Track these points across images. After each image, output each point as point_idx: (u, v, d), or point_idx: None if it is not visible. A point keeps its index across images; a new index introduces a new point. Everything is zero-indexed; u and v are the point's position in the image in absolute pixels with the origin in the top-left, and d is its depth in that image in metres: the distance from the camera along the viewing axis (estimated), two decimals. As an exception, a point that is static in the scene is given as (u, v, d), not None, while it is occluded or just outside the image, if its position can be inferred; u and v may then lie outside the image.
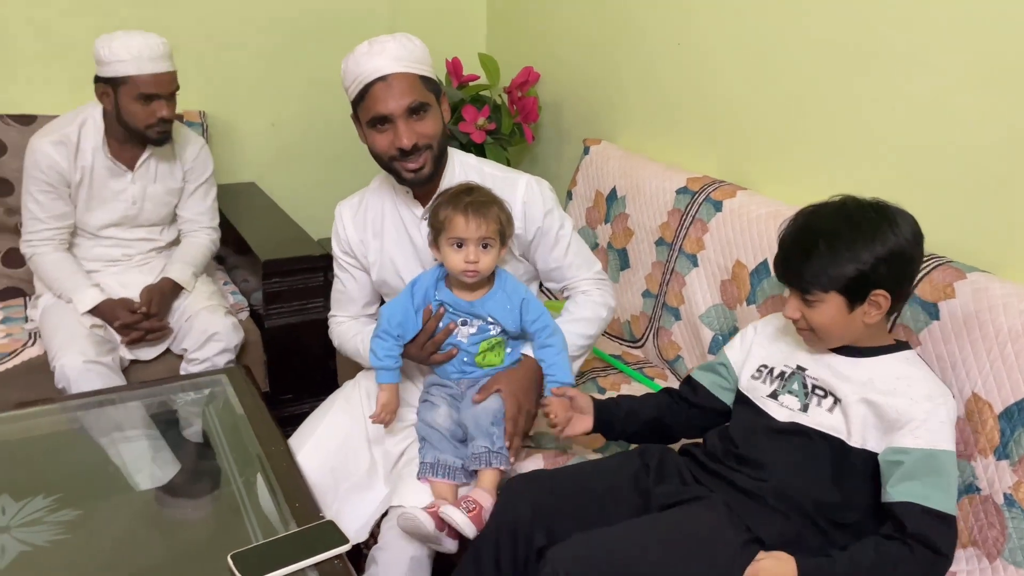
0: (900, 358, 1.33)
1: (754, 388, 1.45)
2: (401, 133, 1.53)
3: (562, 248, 1.69)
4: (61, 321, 2.04)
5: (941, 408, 1.26)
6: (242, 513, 1.46)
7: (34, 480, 1.49)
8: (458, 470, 1.52)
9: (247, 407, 1.74)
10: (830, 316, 1.30)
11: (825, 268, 1.28)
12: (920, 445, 1.23)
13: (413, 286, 1.61)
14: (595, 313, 1.70)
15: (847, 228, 1.28)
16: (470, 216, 1.49)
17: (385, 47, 1.53)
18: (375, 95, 1.52)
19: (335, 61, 2.89)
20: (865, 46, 1.73)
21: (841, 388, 1.33)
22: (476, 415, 1.53)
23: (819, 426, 1.34)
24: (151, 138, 2.09)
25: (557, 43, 2.80)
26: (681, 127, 2.29)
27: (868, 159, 1.75)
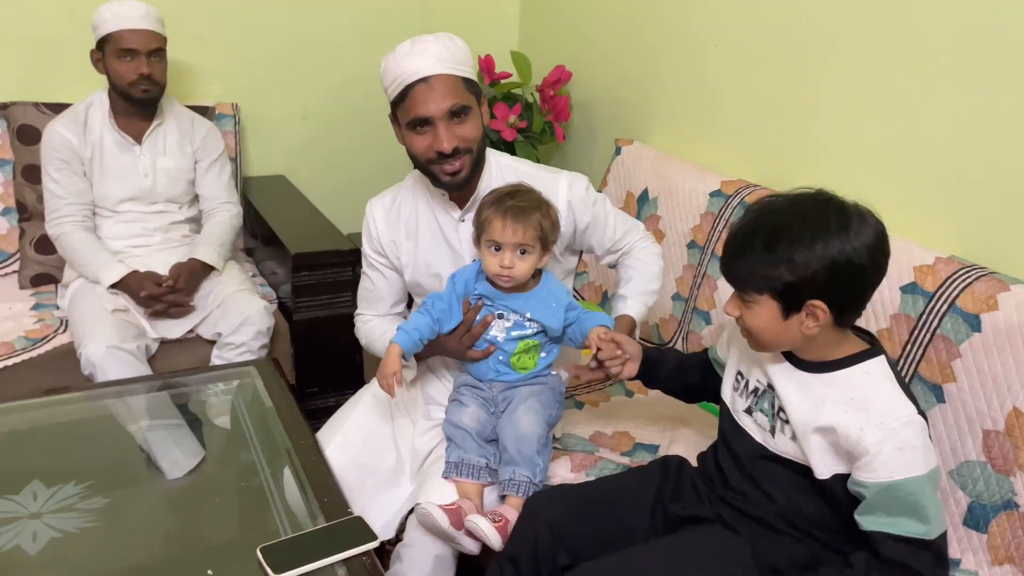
0: (860, 372, 1.22)
1: (733, 401, 1.39)
2: (441, 136, 1.50)
3: (612, 224, 1.72)
4: (86, 308, 2.06)
5: (898, 433, 1.14)
6: (270, 505, 1.46)
7: (65, 467, 1.49)
8: (482, 469, 1.51)
9: (276, 400, 1.74)
10: (764, 320, 1.21)
11: (758, 268, 1.18)
12: (875, 479, 1.14)
13: (454, 278, 1.60)
14: (657, 266, 1.77)
15: (790, 227, 1.16)
16: (508, 221, 1.48)
17: (428, 47, 1.49)
18: (416, 97, 1.50)
19: (366, 56, 2.93)
20: (911, 49, 1.70)
21: (797, 417, 1.24)
22: (519, 438, 1.51)
23: (786, 454, 1.27)
24: (135, 97, 2.16)
25: (590, 42, 2.78)
26: (716, 129, 2.27)
27: (912, 165, 1.73)
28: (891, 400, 1.18)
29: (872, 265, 1.16)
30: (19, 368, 2.00)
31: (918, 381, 1.53)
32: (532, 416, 1.54)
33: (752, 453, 1.32)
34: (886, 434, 1.14)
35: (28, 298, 2.32)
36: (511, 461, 1.50)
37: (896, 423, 1.14)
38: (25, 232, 2.40)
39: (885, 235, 1.18)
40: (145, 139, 2.25)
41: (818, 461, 1.22)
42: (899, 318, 1.57)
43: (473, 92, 1.56)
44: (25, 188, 2.38)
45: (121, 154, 2.23)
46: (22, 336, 2.08)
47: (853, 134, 1.85)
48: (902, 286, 1.58)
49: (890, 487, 1.13)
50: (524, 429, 1.52)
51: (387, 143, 3.03)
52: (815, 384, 1.23)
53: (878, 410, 1.16)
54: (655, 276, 1.75)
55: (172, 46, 2.62)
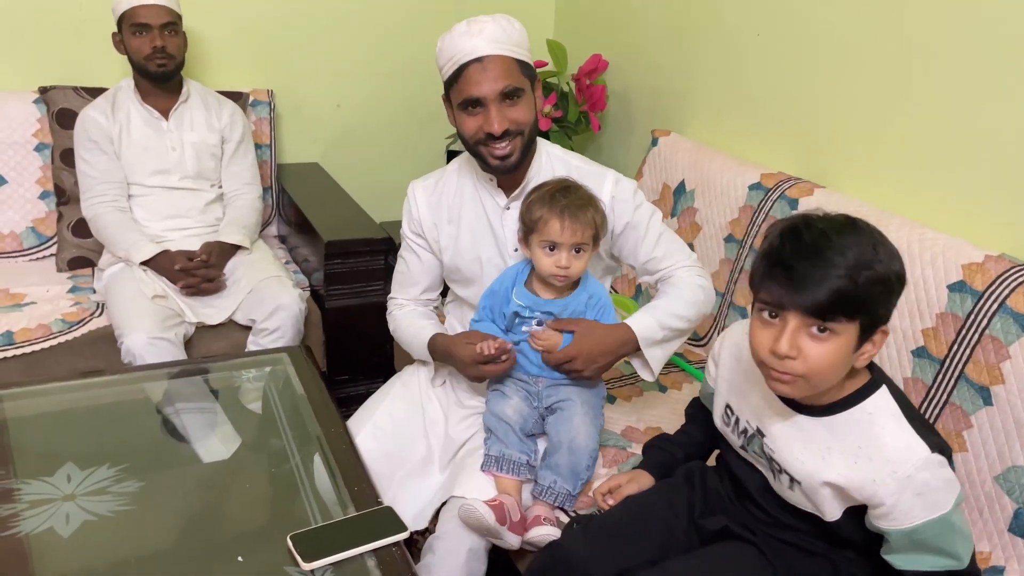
0: (863, 413, 1.12)
1: (726, 434, 1.32)
2: (492, 118, 1.48)
3: (652, 239, 1.63)
4: (125, 296, 2.08)
5: (913, 480, 1.06)
6: (300, 493, 1.45)
7: (99, 449, 1.50)
8: (523, 466, 1.50)
9: (307, 387, 1.74)
10: (838, 355, 1.04)
11: (854, 292, 1.01)
12: (897, 527, 1.09)
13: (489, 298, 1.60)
14: (693, 295, 1.59)
15: (867, 244, 1.04)
16: (566, 220, 1.45)
17: (484, 28, 1.48)
18: (469, 77, 1.48)
19: (402, 45, 2.93)
20: (962, 42, 1.64)
21: (798, 470, 1.16)
22: (573, 450, 1.49)
23: (788, 498, 1.22)
24: (152, 71, 2.22)
25: (627, 31, 2.74)
26: (756, 121, 2.22)
27: (961, 159, 1.67)
28: (901, 443, 1.09)
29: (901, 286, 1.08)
30: (55, 350, 2.02)
31: (964, 382, 1.48)
32: (589, 428, 1.53)
33: (758, 485, 1.28)
34: (901, 483, 1.06)
35: (65, 281, 2.34)
36: (556, 470, 1.49)
37: (911, 469, 1.06)
38: (63, 216, 2.42)
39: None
40: (172, 114, 2.30)
41: (828, 508, 1.16)
42: (946, 317, 1.52)
43: (528, 75, 1.53)
44: (63, 172, 2.41)
45: (148, 129, 2.28)
46: (59, 319, 2.10)
47: (899, 127, 1.80)
48: (949, 284, 1.53)
49: (914, 532, 1.08)
50: (581, 442, 1.51)
51: (422, 132, 3.04)
52: (817, 429, 1.15)
53: (889, 458, 1.08)
54: (687, 302, 1.58)
55: (211, 31, 2.64)
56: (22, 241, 2.44)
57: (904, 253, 1.57)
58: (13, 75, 2.48)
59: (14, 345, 1.99)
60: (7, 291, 2.23)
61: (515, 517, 1.42)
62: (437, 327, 1.71)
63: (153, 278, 2.14)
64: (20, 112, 2.42)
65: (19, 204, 2.44)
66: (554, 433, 1.53)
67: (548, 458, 1.51)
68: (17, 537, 1.25)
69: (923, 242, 1.61)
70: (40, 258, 2.46)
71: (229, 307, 2.18)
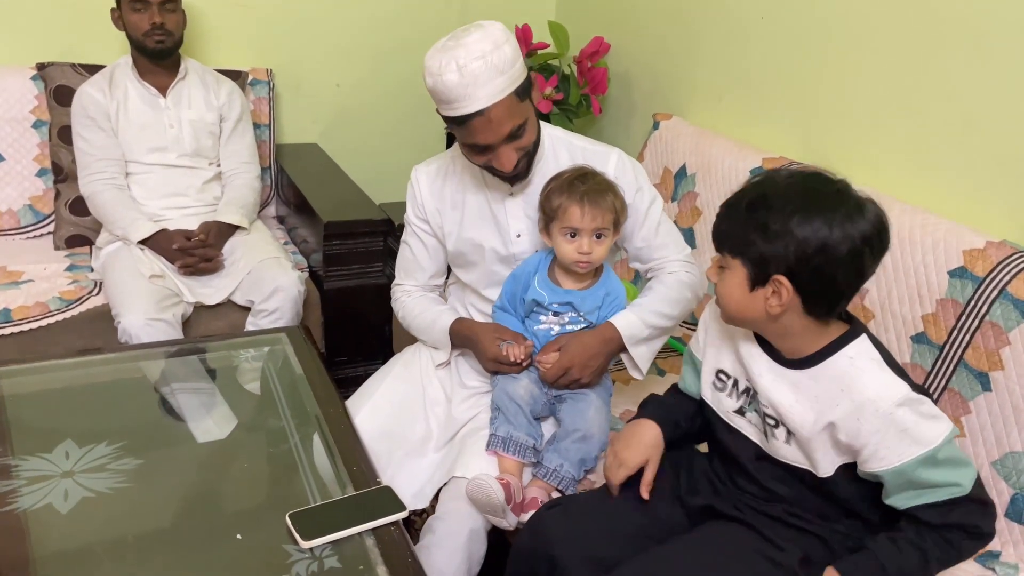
0: (844, 359, 1.16)
1: (718, 401, 1.32)
2: (503, 160, 1.48)
3: (651, 226, 1.63)
4: (123, 275, 2.07)
5: (894, 416, 1.09)
6: (299, 472, 1.45)
7: (97, 427, 1.50)
8: (528, 449, 1.49)
9: (306, 367, 1.74)
10: (731, 287, 1.16)
11: (735, 230, 1.15)
12: (887, 467, 1.11)
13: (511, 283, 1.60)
14: (679, 293, 1.61)
15: (777, 196, 1.11)
16: (586, 206, 1.45)
17: (476, 77, 1.39)
18: (473, 128, 1.45)
19: (402, 25, 2.90)
20: (966, 26, 1.63)
21: (792, 419, 1.18)
22: (586, 438, 1.50)
23: (782, 458, 1.23)
24: (150, 48, 2.20)
25: (630, 13, 2.72)
26: (759, 105, 2.21)
27: (963, 144, 1.67)
28: (880, 383, 1.13)
29: (849, 257, 1.08)
30: (53, 328, 2.02)
31: (963, 368, 1.48)
32: (603, 421, 1.54)
33: (750, 454, 1.28)
34: (884, 420, 1.10)
35: (63, 259, 2.33)
36: (564, 454, 1.49)
37: (891, 406, 1.10)
38: (60, 193, 2.41)
39: (880, 233, 1.10)
40: (169, 92, 2.29)
41: (821, 459, 1.17)
42: (946, 303, 1.52)
43: (526, 95, 1.49)
44: (60, 149, 2.39)
45: (145, 106, 2.26)
46: (56, 297, 2.10)
47: (902, 112, 1.79)
48: (950, 270, 1.53)
49: (903, 470, 1.10)
50: (594, 431, 1.51)
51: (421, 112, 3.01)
52: (804, 380, 1.18)
53: (870, 397, 1.11)
54: (673, 300, 1.60)
55: (209, 9, 2.62)
56: (19, 219, 2.43)
57: (905, 238, 1.60)
58: (10, 51, 2.46)
59: (11, 323, 1.99)
60: (4, 268, 2.22)
61: (518, 498, 1.42)
62: (455, 311, 1.72)
63: (151, 257, 2.14)
64: (18, 88, 2.40)
65: (16, 181, 2.42)
66: (569, 421, 1.53)
67: (558, 442, 1.52)
68: (15, 513, 1.25)
69: (924, 227, 1.61)
70: (37, 236, 2.45)
71: (227, 287, 2.18)
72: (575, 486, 1.50)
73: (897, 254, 1.62)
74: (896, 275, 1.62)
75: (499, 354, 1.55)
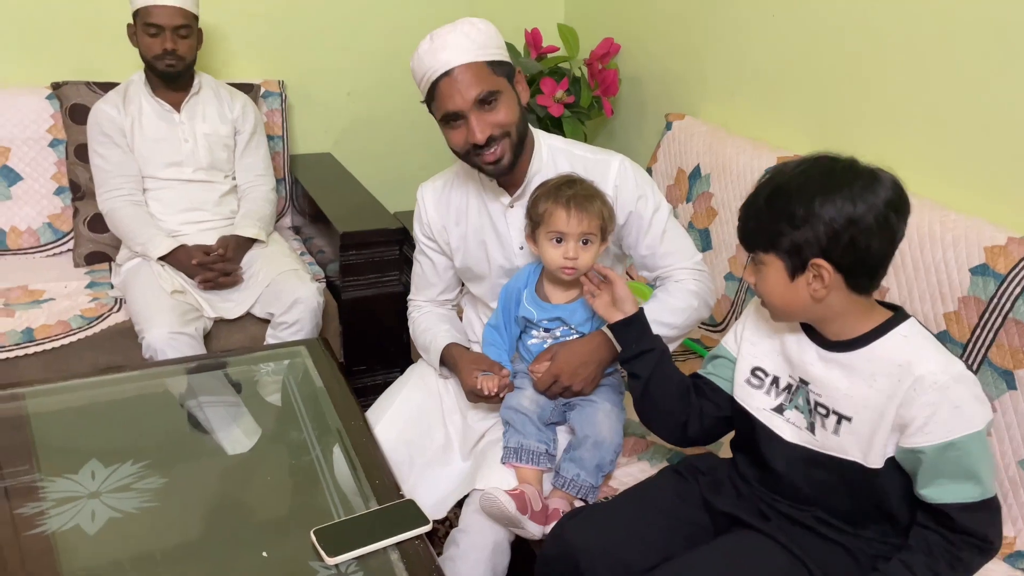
0: (899, 336, 1.17)
1: (751, 397, 1.31)
2: (474, 127, 1.47)
3: (656, 234, 1.62)
4: (144, 292, 2.09)
5: (951, 390, 1.10)
6: (322, 485, 1.46)
7: (122, 445, 1.51)
8: (542, 455, 1.50)
9: (326, 380, 1.74)
10: (772, 283, 1.17)
11: (761, 225, 1.17)
12: (932, 441, 1.11)
13: (503, 297, 1.61)
14: (685, 302, 1.60)
15: (792, 184, 1.14)
16: (572, 210, 1.44)
17: (446, 40, 1.46)
18: (442, 92, 1.47)
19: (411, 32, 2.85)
20: (983, 18, 1.61)
21: (848, 404, 1.19)
22: (598, 444, 1.49)
23: (829, 450, 1.22)
24: (160, 70, 2.22)
25: (639, 14, 2.71)
26: (772, 103, 2.20)
27: (983, 139, 1.65)
28: (938, 358, 1.14)
29: (878, 225, 1.10)
30: (75, 347, 2.04)
31: (987, 367, 1.47)
32: (614, 423, 1.53)
33: (783, 454, 1.27)
34: (941, 393, 1.10)
35: (83, 276, 2.36)
36: (580, 463, 1.49)
37: (949, 380, 1.11)
38: (79, 211, 2.43)
39: (900, 196, 1.13)
40: (183, 107, 2.30)
41: (877, 445, 1.16)
42: (968, 301, 1.51)
43: (503, 73, 1.51)
44: (78, 167, 2.41)
45: (160, 121, 2.28)
46: (78, 315, 2.12)
47: (918, 107, 1.78)
48: (972, 267, 1.51)
49: (949, 447, 1.10)
50: (606, 436, 1.51)
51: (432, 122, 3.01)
52: (858, 361, 1.18)
53: (930, 369, 1.12)
54: (674, 309, 1.58)
55: (221, 23, 2.63)
56: (39, 237, 2.46)
57: (925, 235, 1.59)
58: (26, 71, 2.49)
59: (35, 342, 2.01)
60: (26, 288, 2.24)
61: (536, 507, 1.42)
62: (451, 334, 1.71)
63: (171, 273, 2.15)
64: (34, 108, 2.43)
65: (35, 200, 2.45)
66: (579, 427, 1.53)
67: (572, 451, 1.51)
68: (44, 535, 1.26)
69: (944, 224, 1.59)
70: (57, 254, 2.47)
71: (247, 301, 2.19)
72: (595, 493, 1.50)
73: (918, 252, 1.60)
74: (917, 273, 1.60)
75: (475, 386, 1.55)
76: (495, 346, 1.63)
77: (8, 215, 2.42)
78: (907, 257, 1.62)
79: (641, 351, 1.40)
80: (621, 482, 1.55)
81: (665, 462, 1.60)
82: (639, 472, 1.58)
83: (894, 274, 1.64)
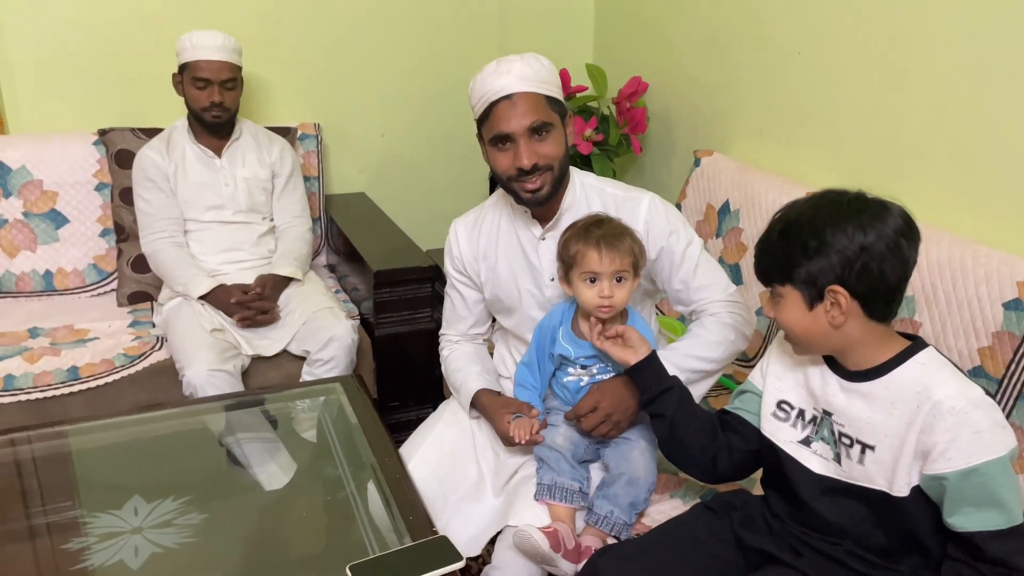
0: (917, 365, 1.18)
1: (778, 431, 1.32)
2: (521, 153, 1.52)
3: (689, 268, 1.63)
4: (185, 330, 2.14)
5: (970, 416, 1.10)
6: (357, 521, 1.48)
7: (163, 481, 1.55)
8: (575, 493, 1.50)
9: (360, 416, 1.77)
10: (791, 314, 1.21)
11: (775, 258, 1.21)
12: (954, 467, 1.11)
13: (537, 334, 1.62)
14: (719, 336, 1.61)
15: (804, 217, 1.18)
16: (603, 250, 1.46)
17: (512, 67, 1.52)
18: (499, 114, 1.53)
19: (444, 74, 2.98)
20: (1010, 51, 1.62)
21: (871, 432, 1.19)
22: (632, 481, 1.50)
23: (856, 480, 1.22)
24: (207, 121, 2.31)
25: (666, 53, 2.75)
26: (800, 139, 2.21)
27: (1012, 173, 1.65)
28: (956, 384, 1.15)
29: (890, 251, 1.14)
30: (118, 384, 2.09)
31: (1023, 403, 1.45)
32: (648, 461, 1.53)
33: (813, 487, 1.27)
34: (959, 418, 1.11)
35: (125, 315, 2.43)
36: (614, 500, 1.49)
37: (967, 405, 1.11)
38: (123, 252, 2.51)
39: (909, 223, 1.16)
40: (224, 152, 2.38)
41: (901, 473, 1.16)
42: (1002, 336, 1.50)
43: (557, 111, 1.57)
44: (122, 210, 2.49)
45: (202, 166, 2.35)
46: (121, 353, 2.17)
47: (946, 142, 1.78)
48: (1005, 302, 1.50)
49: (971, 472, 1.10)
50: (641, 474, 1.51)
51: (464, 159, 3.08)
52: (878, 390, 1.20)
53: (947, 394, 1.13)
54: (711, 343, 1.59)
55: (258, 69, 2.72)
56: (84, 278, 2.54)
57: (957, 270, 1.58)
58: (74, 118, 2.60)
59: (79, 380, 2.07)
60: (71, 327, 2.31)
61: (569, 545, 1.43)
62: (482, 377, 1.72)
63: (211, 312, 2.21)
64: (81, 154, 2.52)
65: (81, 242, 2.53)
66: (614, 465, 1.54)
67: (606, 488, 1.52)
68: (89, 570, 1.30)
69: (976, 259, 1.59)
70: (101, 293, 2.55)
71: (284, 338, 2.24)
72: (629, 530, 1.50)
73: (950, 287, 1.60)
74: (950, 308, 1.60)
75: (507, 431, 1.57)
76: (525, 387, 1.64)
77: (56, 257, 2.51)
78: (939, 291, 1.62)
79: (661, 391, 1.42)
80: (653, 519, 1.55)
81: (698, 499, 1.59)
82: (671, 509, 1.57)
83: (927, 309, 1.64)
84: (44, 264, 2.50)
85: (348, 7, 2.84)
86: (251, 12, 2.70)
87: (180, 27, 2.35)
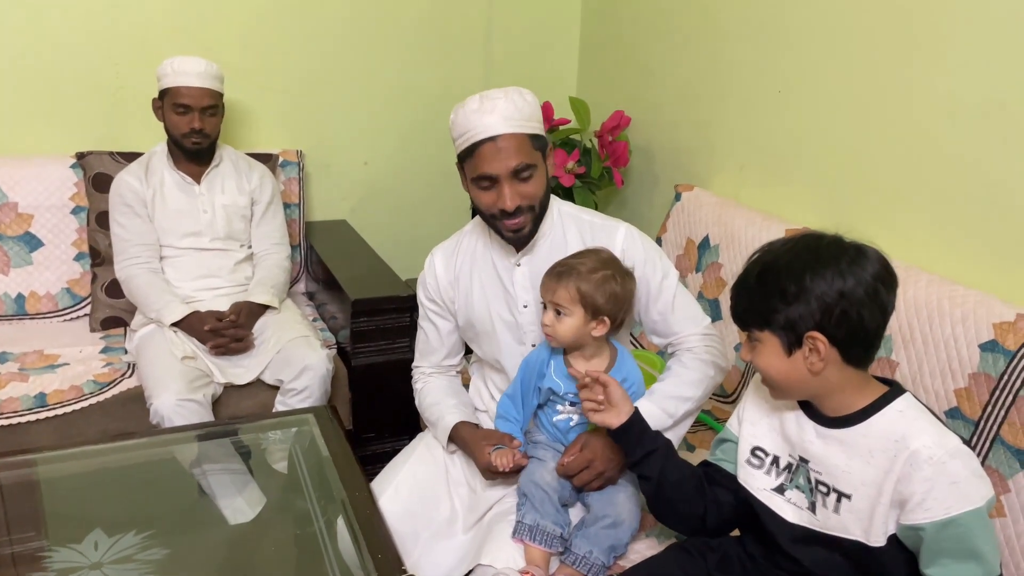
0: (894, 412, 1.17)
1: (751, 478, 1.31)
2: (505, 195, 1.52)
3: (667, 300, 1.63)
4: (155, 358, 2.11)
5: (947, 466, 1.09)
6: (324, 559, 1.45)
7: (126, 515, 1.51)
8: (556, 538, 1.46)
9: (332, 449, 1.74)
10: (769, 359, 1.20)
11: (753, 303, 1.20)
12: (932, 518, 1.10)
13: (523, 368, 1.60)
14: (702, 373, 1.60)
15: (781, 261, 1.18)
16: (547, 280, 1.51)
17: (496, 105, 1.50)
18: (483, 155, 1.51)
19: (429, 103, 2.98)
20: (989, 94, 1.64)
21: (847, 480, 1.18)
22: (615, 524, 1.48)
23: (830, 530, 1.21)
24: (187, 148, 2.28)
25: (649, 87, 2.77)
26: (780, 176, 2.22)
27: (991, 215, 1.66)
28: (934, 433, 1.14)
29: (868, 297, 1.13)
30: (87, 412, 2.05)
31: (1000, 445, 1.44)
32: (633, 506, 1.52)
33: (788, 535, 1.26)
34: (936, 468, 1.10)
35: (98, 341, 2.39)
36: (594, 540, 1.46)
37: (945, 456, 1.10)
38: (97, 276, 2.48)
39: (887, 269, 1.16)
40: (203, 179, 2.36)
41: (878, 522, 1.15)
42: (978, 378, 1.49)
43: (539, 147, 1.56)
44: (98, 234, 2.47)
45: (181, 193, 2.33)
46: (91, 380, 2.14)
47: (926, 181, 1.79)
48: (981, 344, 1.50)
49: (949, 524, 1.09)
50: (624, 517, 1.49)
51: (447, 189, 3.08)
52: (855, 437, 1.18)
53: (925, 443, 1.12)
54: (691, 383, 1.59)
55: (241, 95, 2.71)
56: (57, 302, 2.50)
57: (934, 310, 1.58)
58: (52, 141, 2.57)
59: (47, 407, 2.02)
60: (41, 352, 2.27)
61: (544, 589, 1.40)
62: (460, 410, 1.70)
63: (183, 339, 2.18)
64: (58, 176, 2.50)
65: (55, 265, 2.50)
66: (598, 507, 1.51)
67: (586, 528, 1.49)
68: (44, 607, 1.26)
69: (953, 299, 1.59)
70: (74, 318, 2.51)
71: (257, 367, 2.20)
72: (604, 573, 1.47)
73: (927, 327, 1.60)
74: (927, 348, 1.59)
75: (488, 462, 1.55)
76: (507, 419, 1.61)
77: (28, 280, 2.47)
78: (916, 332, 1.62)
79: (646, 452, 1.39)
80: (628, 559, 1.52)
81: (673, 538, 1.57)
82: (646, 548, 1.55)
83: (904, 349, 1.64)
84: (16, 287, 2.46)
85: (332, 34, 2.84)
86: (234, 38, 2.70)
87: (162, 52, 2.34)
